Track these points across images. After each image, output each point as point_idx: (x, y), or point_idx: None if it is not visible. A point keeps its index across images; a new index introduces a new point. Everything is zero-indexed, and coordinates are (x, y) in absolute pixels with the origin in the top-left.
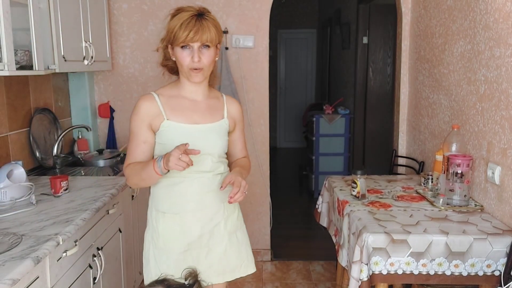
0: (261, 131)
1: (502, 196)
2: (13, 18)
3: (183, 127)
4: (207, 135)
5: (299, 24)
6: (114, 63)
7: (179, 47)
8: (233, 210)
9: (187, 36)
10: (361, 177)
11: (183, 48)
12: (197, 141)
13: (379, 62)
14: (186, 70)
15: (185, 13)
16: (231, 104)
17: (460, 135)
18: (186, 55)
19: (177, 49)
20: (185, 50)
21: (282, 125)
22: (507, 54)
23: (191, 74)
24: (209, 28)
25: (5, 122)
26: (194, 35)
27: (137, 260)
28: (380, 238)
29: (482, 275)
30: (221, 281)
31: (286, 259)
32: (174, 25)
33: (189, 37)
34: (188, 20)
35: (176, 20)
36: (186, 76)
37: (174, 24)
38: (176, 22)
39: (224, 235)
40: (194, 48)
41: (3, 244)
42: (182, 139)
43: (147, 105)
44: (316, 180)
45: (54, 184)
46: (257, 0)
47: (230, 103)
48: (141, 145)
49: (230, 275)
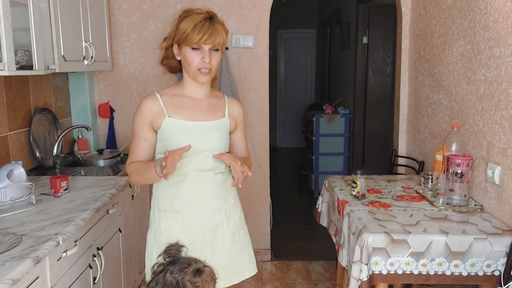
0: (261, 131)
1: (502, 196)
2: (13, 18)
3: (184, 124)
4: (207, 132)
5: (299, 24)
6: (114, 63)
7: (189, 48)
8: (235, 210)
9: (200, 39)
10: (361, 177)
11: (194, 49)
12: (197, 138)
13: (379, 62)
14: (194, 71)
15: (198, 16)
16: (232, 104)
17: (460, 135)
18: (195, 56)
19: (187, 49)
20: (195, 51)
21: (282, 125)
22: (507, 54)
23: (199, 75)
24: (221, 32)
25: (5, 122)
26: (208, 37)
27: (137, 260)
28: (380, 238)
29: (482, 275)
30: (228, 284)
31: (286, 259)
32: (187, 26)
33: (203, 40)
34: (202, 22)
35: (189, 22)
36: (193, 76)
37: (187, 25)
38: (189, 24)
39: (227, 235)
40: (205, 50)
41: (3, 244)
42: (183, 135)
43: (150, 104)
44: (316, 180)
45: (54, 184)
46: (257, 0)
47: (231, 104)
48: (142, 143)
49: (237, 277)
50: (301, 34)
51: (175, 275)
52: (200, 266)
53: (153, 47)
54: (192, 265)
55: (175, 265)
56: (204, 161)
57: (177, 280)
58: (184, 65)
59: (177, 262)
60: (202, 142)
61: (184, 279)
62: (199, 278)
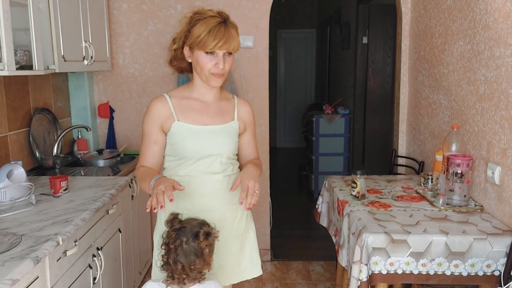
0: (261, 131)
1: (502, 196)
2: (13, 18)
3: (192, 128)
4: (216, 136)
5: (298, 24)
6: (114, 63)
7: (202, 52)
8: (243, 211)
9: (216, 44)
10: (361, 177)
11: (207, 53)
12: (206, 142)
13: (379, 62)
14: (206, 74)
15: (212, 19)
16: (242, 106)
17: (460, 135)
18: (209, 60)
19: (200, 53)
20: (209, 56)
21: (282, 125)
22: (507, 54)
23: (212, 78)
24: (235, 36)
25: (4, 122)
26: (223, 44)
27: (137, 260)
28: (380, 238)
29: (482, 275)
30: (226, 283)
31: (286, 259)
32: (201, 31)
33: (218, 45)
34: (217, 27)
35: (203, 26)
36: (205, 79)
37: (202, 29)
38: (203, 28)
39: (234, 236)
40: (219, 55)
41: (2, 244)
42: (191, 140)
43: (159, 107)
44: (316, 180)
45: (54, 184)
46: (257, 0)
47: (241, 106)
48: (152, 145)
49: (237, 277)
50: (301, 34)
51: (191, 243)
52: (207, 228)
53: (153, 47)
54: (202, 228)
55: (185, 234)
56: (212, 165)
57: (194, 247)
58: (195, 68)
59: (186, 231)
60: (210, 146)
61: (201, 244)
62: (210, 238)
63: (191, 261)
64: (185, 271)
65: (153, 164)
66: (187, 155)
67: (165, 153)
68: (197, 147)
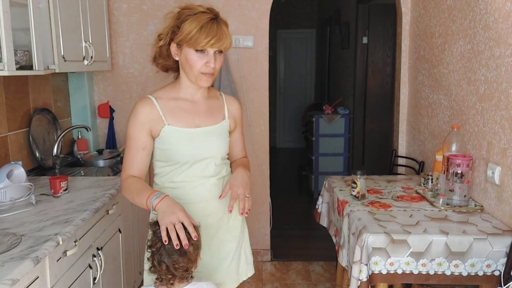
0: (261, 131)
1: (502, 196)
2: (13, 18)
3: (184, 131)
4: (209, 138)
5: (298, 24)
6: (114, 63)
7: (192, 50)
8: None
9: (208, 42)
10: (361, 177)
11: (198, 51)
12: (199, 145)
13: (379, 62)
14: (196, 74)
15: (203, 15)
16: (231, 103)
17: (460, 135)
18: (199, 59)
19: (190, 51)
20: (199, 54)
21: (282, 125)
22: (507, 54)
23: (202, 78)
24: (228, 34)
25: (4, 123)
26: (216, 41)
27: (137, 260)
28: (380, 238)
29: (482, 275)
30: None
31: (285, 259)
32: (193, 27)
33: (210, 43)
34: (208, 24)
35: (194, 22)
36: (194, 79)
37: (193, 26)
38: (194, 24)
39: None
40: (210, 53)
41: (2, 244)
42: (184, 144)
43: (147, 110)
44: (316, 180)
45: (54, 185)
46: (257, 0)
47: (230, 103)
48: (140, 151)
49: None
50: (300, 34)
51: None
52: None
53: None
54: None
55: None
56: (206, 168)
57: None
58: (184, 67)
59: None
60: (205, 149)
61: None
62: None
63: (174, 260)
64: (170, 271)
65: (141, 171)
66: (181, 160)
67: (154, 158)
68: (192, 151)
